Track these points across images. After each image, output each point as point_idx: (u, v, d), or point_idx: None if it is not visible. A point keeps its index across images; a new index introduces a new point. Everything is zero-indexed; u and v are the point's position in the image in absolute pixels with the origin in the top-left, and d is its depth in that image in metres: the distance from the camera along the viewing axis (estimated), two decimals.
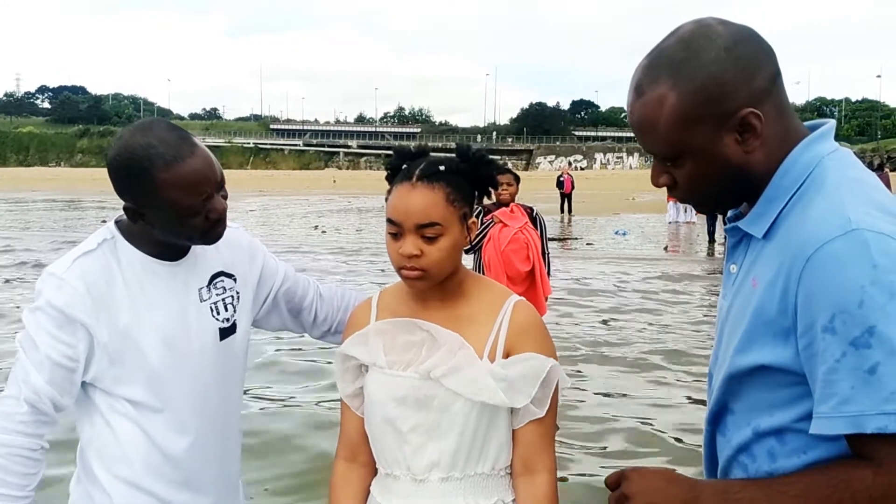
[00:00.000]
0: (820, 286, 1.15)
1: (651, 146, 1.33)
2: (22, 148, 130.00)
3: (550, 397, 1.68)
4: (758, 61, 1.26)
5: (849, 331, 1.12)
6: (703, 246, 18.99)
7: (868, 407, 1.11)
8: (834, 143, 1.31)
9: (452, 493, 1.67)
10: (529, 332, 1.70)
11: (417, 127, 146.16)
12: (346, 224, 26.04)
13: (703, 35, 1.26)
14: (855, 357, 1.11)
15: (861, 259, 1.12)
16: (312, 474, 4.67)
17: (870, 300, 1.10)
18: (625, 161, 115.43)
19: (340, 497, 1.81)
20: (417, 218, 1.62)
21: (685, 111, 1.25)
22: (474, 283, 1.78)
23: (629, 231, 22.59)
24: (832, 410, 1.14)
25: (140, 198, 1.72)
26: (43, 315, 1.73)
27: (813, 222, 1.20)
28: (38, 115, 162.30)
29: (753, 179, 1.30)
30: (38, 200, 41.58)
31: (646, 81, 1.29)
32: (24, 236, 20.13)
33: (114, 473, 1.81)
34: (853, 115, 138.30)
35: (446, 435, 1.66)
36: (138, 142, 1.69)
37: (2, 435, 1.71)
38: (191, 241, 1.81)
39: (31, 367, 1.72)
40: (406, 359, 1.69)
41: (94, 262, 1.77)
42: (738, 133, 1.26)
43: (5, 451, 1.70)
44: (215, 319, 1.89)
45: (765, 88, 1.26)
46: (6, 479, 1.70)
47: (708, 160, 1.29)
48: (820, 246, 1.16)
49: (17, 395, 1.72)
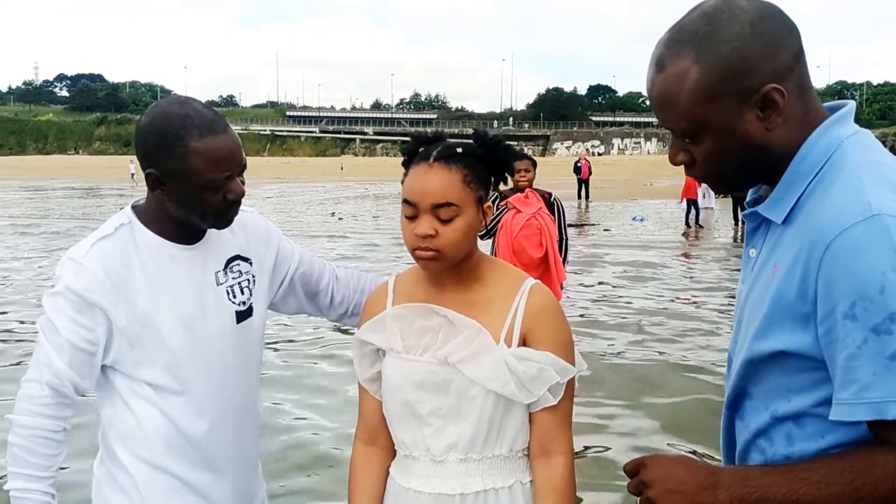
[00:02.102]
0: (840, 272, 1.14)
1: (671, 122, 1.30)
2: (41, 136, 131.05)
3: (564, 386, 1.68)
4: (782, 37, 1.24)
5: (870, 317, 1.11)
6: (722, 231, 18.90)
7: (890, 393, 1.10)
8: (854, 126, 1.29)
9: (471, 473, 1.69)
10: (545, 316, 1.70)
11: (434, 113, 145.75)
12: (363, 211, 26.10)
13: (726, 9, 1.23)
14: (876, 343, 1.11)
15: (882, 245, 1.11)
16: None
17: (891, 286, 1.10)
18: (642, 146, 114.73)
19: (360, 479, 1.82)
20: (433, 198, 1.62)
21: (708, 85, 1.23)
22: (490, 267, 1.78)
23: (647, 217, 22.51)
24: (853, 397, 1.14)
25: (168, 164, 1.74)
26: (62, 299, 1.75)
27: (833, 207, 1.18)
28: (57, 104, 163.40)
29: (773, 158, 1.28)
30: (58, 188, 41.96)
31: (668, 55, 1.26)
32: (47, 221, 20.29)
33: (135, 455, 1.84)
34: (875, 98, 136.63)
35: (465, 418, 1.67)
36: (176, 111, 1.75)
37: (25, 417, 1.74)
38: (203, 221, 1.82)
39: (51, 351, 1.74)
40: (423, 343, 1.70)
41: (112, 246, 1.79)
42: (760, 109, 1.24)
43: (28, 433, 1.74)
44: (232, 303, 1.90)
45: (788, 65, 1.23)
46: (30, 460, 1.73)
47: (728, 136, 1.26)
48: (840, 231, 1.14)
49: (38, 378, 1.75)
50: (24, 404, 1.75)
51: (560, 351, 1.68)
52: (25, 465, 1.73)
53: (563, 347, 1.69)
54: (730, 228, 19.28)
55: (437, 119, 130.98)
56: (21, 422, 1.75)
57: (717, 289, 10.74)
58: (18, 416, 1.75)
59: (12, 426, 1.75)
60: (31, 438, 1.74)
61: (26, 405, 1.75)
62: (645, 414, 5.65)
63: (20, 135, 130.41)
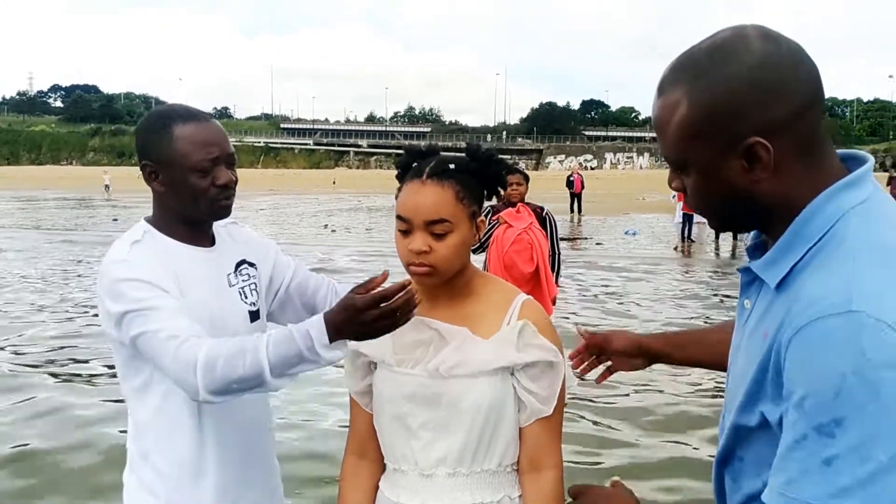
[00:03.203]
0: (801, 360, 1.07)
1: (662, 149, 1.26)
2: (34, 146, 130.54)
3: (557, 395, 1.69)
4: (783, 89, 1.13)
5: (816, 415, 1.04)
6: (713, 245, 18.96)
7: (813, 496, 1.04)
8: (867, 191, 1.17)
9: (459, 488, 1.69)
10: (539, 330, 1.70)
11: (427, 126, 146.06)
12: (356, 223, 26.09)
13: (733, 47, 1.16)
14: (815, 443, 1.04)
15: (850, 345, 1.02)
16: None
17: (847, 391, 1.01)
18: (635, 161, 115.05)
19: (350, 492, 1.83)
20: (426, 214, 1.64)
21: (693, 123, 1.17)
22: (483, 282, 1.79)
23: (639, 231, 22.56)
24: (780, 486, 1.09)
25: (157, 152, 1.86)
26: (132, 287, 1.76)
27: (818, 289, 1.10)
28: (51, 114, 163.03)
29: (763, 208, 1.21)
30: (50, 199, 41.83)
31: (667, 82, 1.22)
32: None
33: (170, 457, 1.87)
34: (865, 115, 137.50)
35: (454, 432, 1.67)
36: (163, 108, 1.96)
37: (201, 349, 1.66)
38: (197, 207, 1.88)
39: (166, 325, 1.71)
40: (414, 357, 1.71)
41: (145, 248, 1.86)
42: (746, 160, 1.16)
43: (217, 347, 1.66)
44: (244, 303, 1.98)
45: (783, 120, 1.14)
46: (241, 358, 1.63)
47: (710, 178, 1.20)
48: (815, 319, 1.06)
49: (177, 344, 1.68)
50: (189, 352, 1.65)
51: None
52: (246, 356, 1.62)
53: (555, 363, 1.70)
54: (727, 241, 19.37)
55: (431, 132, 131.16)
56: (211, 369, 1.63)
57: (709, 303, 10.77)
58: (206, 376, 1.63)
59: (218, 384, 1.64)
60: (218, 348, 1.65)
61: (191, 349, 1.65)
62: (638, 426, 5.66)
63: (13, 145, 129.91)
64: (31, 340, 8.46)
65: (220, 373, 1.63)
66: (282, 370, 1.62)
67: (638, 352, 1.85)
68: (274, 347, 1.62)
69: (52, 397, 6.40)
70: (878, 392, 1.00)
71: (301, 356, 1.60)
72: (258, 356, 1.61)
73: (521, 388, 1.68)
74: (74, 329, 8.97)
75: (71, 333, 8.74)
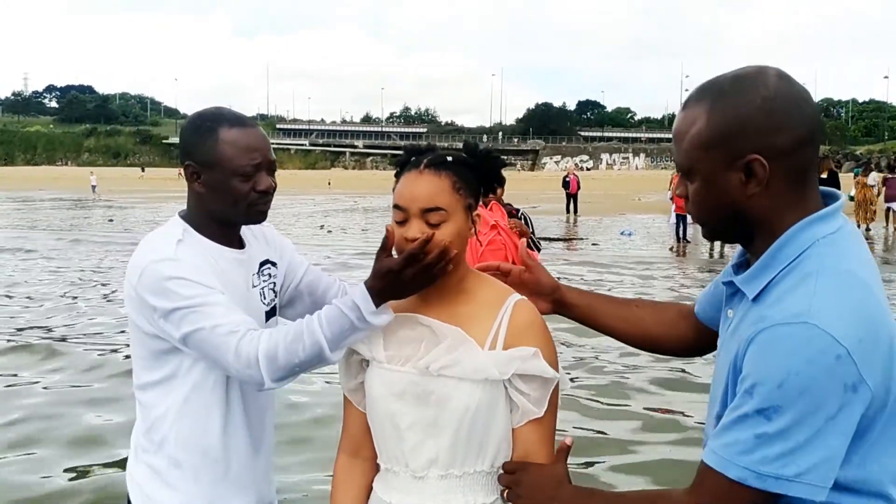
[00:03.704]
0: (757, 355, 1.30)
1: (676, 156, 1.46)
2: (30, 147, 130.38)
3: (549, 397, 1.68)
4: (788, 121, 1.34)
5: (762, 401, 1.27)
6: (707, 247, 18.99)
7: (741, 460, 1.29)
8: (836, 223, 1.38)
9: (452, 490, 1.68)
10: (530, 331, 1.69)
11: (423, 127, 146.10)
12: (352, 224, 26.08)
13: (753, 79, 1.37)
14: (754, 421, 1.28)
15: (799, 349, 1.25)
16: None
17: (790, 385, 1.24)
18: (631, 161, 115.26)
19: (342, 491, 1.83)
20: (423, 202, 1.64)
21: (707, 135, 1.38)
22: (477, 281, 1.78)
23: (635, 231, 22.57)
24: (717, 447, 1.33)
25: (202, 153, 1.92)
26: (182, 285, 1.80)
27: (783, 302, 1.31)
28: (46, 115, 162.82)
29: (749, 221, 1.41)
30: (46, 199, 41.74)
31: (692, 99, 1.43)
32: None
33: (190, 445, 1.94)
34: (860, 115, 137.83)
35: (443, 431, 1.66)
36: (210, 110, 2.00)
37: (260, 342, 1.74)
38: (236, 211, 1.94)
39: (223, 321, 1.77)
40: (405, 354, 1.70)
41: (188, 247, 1.91)
42: (744, 174, 1.36)
43: (274, 337, 1.75)
44: (262, 304, 2.06)
45: (783, 147, 1.34)
46: (299, 342, 1.72)
47: (711, 186, 1.41)
48: (773, 325, 1.28)
49: (237, 340, 1.75)
50: (250, 344, 1.74)
51: (546, 361, 1.67)
52: (303, 338, 1.72)
53: (549, 361, 1.68)
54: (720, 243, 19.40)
55: (428, 133, 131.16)
56: (273, 359, 1.73)
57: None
58: (269, 366, 1.73)
59: (282, 371, 1.74)
60: (285, 351, 1.72)
61: (251, 342, 1.74)
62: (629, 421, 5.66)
63: (8, 146, 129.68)
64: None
65: (283, 361, 1.73)
66: (338, 343, 1.71)
67: (551, 296, 1.89)
68: (328, 325, 1.70)
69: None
70: (810, 390, 1.24)
71: (353, 326, 1.69)
72: (315, 337, 1.70)
73: (514, 389, 1.67)
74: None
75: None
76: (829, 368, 1.23)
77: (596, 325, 1.92)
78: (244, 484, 2.03)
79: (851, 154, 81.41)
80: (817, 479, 1.26)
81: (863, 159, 61.48)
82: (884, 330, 1.29)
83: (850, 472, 1.30)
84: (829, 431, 1.25)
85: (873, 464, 1.32)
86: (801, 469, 1.26)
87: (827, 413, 1.24)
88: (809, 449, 1.25)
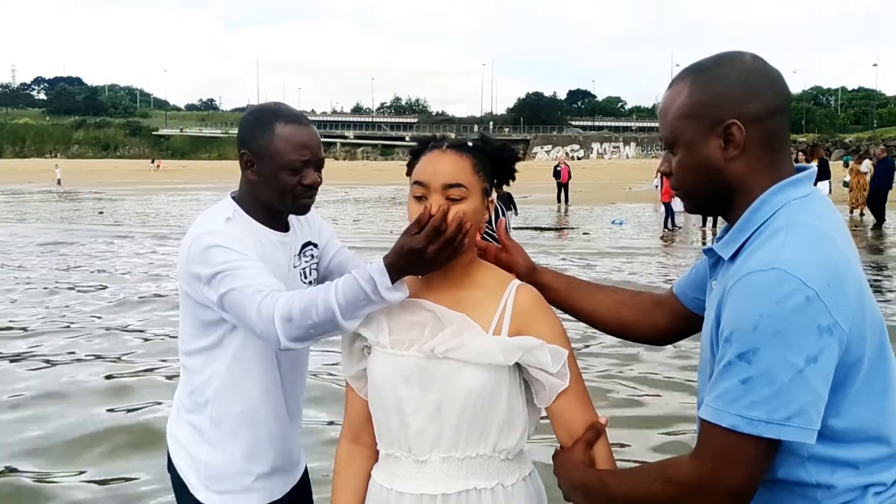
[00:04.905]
0: (732, 306, 1.37)
1: (662, 130, 1.57)
2: (18, 139, 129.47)
3: (567, 367, 1.69)
4: (761, 91, 1.47)
5: (740, 346, 1.34)
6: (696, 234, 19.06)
7: (732, 408, 1.35)
8: (807, 189, 1.49)
9: (454, 473, 1.70)
10: (536, 311, 1.73)
11: (414, 117, 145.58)
12: (343, 215, 26.04)
13: (732, 58, 1.51)
14: (737, 367, 1.35)
15: (769, 292, 1.32)
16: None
17: (762, 328, 1.31)
18: (621, 151, 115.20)
19: (343, 476, 1.86)
20: (445, 178, 1.69)
21: (689, 105, 1.50)
22: (480, 268, 1.81)
23: (626, 220, 22.63)
24: (710, 401, 1.39)
25: (257, 144, 2.04)
26: (223, 252, 1.93)
27: (755, 255, 1.39)
28: (35, 107, 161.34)
29: (726, 186, 1.51)
30: (35, 192, 41.51)
31: (677, 78, 1.56)
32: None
33: (232, 409, 2.08)
34: (850, 103, 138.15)
35: (447, 414, 1.68)
36: (270, 105, 2.12)
37: (278, 302, 1.81)
38: (283, 202, 2.07)
39: (252, 281, 1.87)
40: (409, 338, 1.72)
41: (237, 226, 2.04)
42: (723, 140, 1.48)
43: (292, 298, 1.81)
44: (303, 283, 2.18)
45: (758, 114, 1.46)
46: (313, 306, 1.77)
47: (693, 152, 1.52)
48: (746, 274, 1.36)
49: (260, 299, 1.83)
50: (269, 306, 1.80)
51: (556, 341, 1.70)
52: (318, 308, 1.76)
53: (558, 338, 1.71)
54: (707, 230, 19.48)
55: (418, 123, 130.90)
56: (288, 319, 1.78)
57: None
58: (285, 325, 1.79)
59: (297, 331, 1.79)
60: (300, 313, 1.78)
61: (270, 303, 1.81)
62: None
63: None
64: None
65: (298, 321, 1.79)
66: (351, 313, 1.75)
67: (528, 277, 1.91)
68: (343, 292, 1.75)
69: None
70: (784, 331, 1.30)
71: (368, 298, 1.73)
72: (329, 302, 1.75)
73: (534, 369, 1.69)
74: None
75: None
76: (799, 309, 1.30)
77: (570, 309, 1.96)
78: (279, 446, 2.17)
79: (841, 142, 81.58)
80: (807, 422, 1.31)
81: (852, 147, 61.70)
82: (850, 277, 1.37)
83: (840, 422, 1.36)
84: (812, 374, 1.30)
85: (858, 414, 1.37)
86: (790, 412, 1.30)
87: (806, 354, 1.30)
88: (795, 391, 1.30)
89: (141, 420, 5.66)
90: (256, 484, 2.13)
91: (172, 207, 29.89)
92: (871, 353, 1.38)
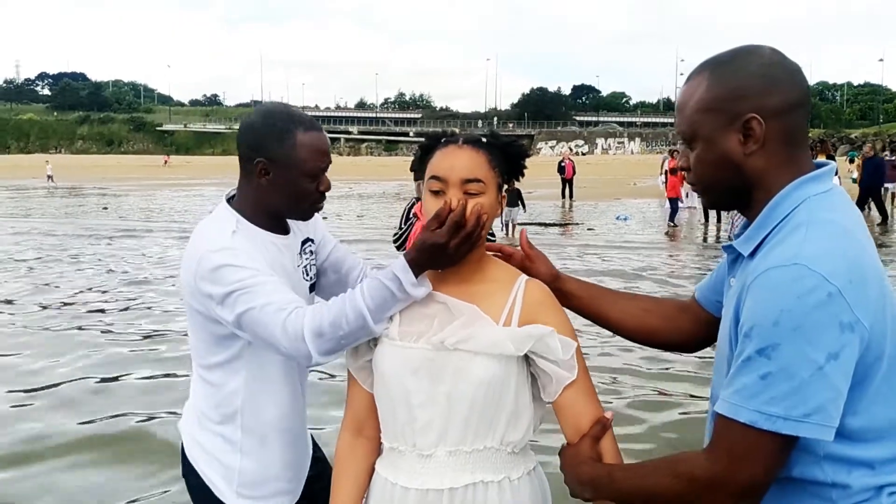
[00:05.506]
0: (752, 302, 1.36)
1: (679, 125, 1.55)
2: (22, 135, 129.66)
3: (575, 359, 1.69)
4: (781, 84, 1.44)
5: (760, 341, 1.32)
6: (702, 230, 19.01)
7: (751, 404, 1.33)
8: (827, 184, 1.46)
9: (460, 467, 1.70)
10: (545, 305, 1.74)
11: (418, 112, 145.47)
12: (347, 210, 26.03)
13: (750, 52, 1.48)
14: (756, 363, 1.33)
15: (789, 288, 1.30)
16: None
17: (783, 323, 1.29)
18: (626, 146, 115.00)
19: (344, 470, 1.85)
20: (463, 172, 1.69)
21: (708, 99, 1.48)
22: (490, 263, 1.83)
23: (630, 216, 22.59)
24: (727, 396, 1.37)
25: (277, 153, 1.99)
26: (235, 271, 1.88)
27: (776, 251, 1.37)
28: (39, 102, 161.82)
29: (746, 181, 1.49)
30: (39, 187, 41.61)
31: (695, 72, 1.53)
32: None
33: (263, 417, 2.10)
34: (855, 99, 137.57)
35: (456, 406, 1.68)
36: (281, 109, 2.06)
37: (305, 318, 1.80)
38: (297, 207, 2.07)
39: (272, 299, 1.85)
40: (418, 330, 1.72)
41: (243, 238, 2.00)
42: (743, 134, 1.45)
43: (319, 312, 1.80)
44: (306, 280, 2.20)
45: (778, 108, 1.44)
46: (343, 316, 1.76)
47: (712, 147, 1.49)
48: (766, 270, 1.35)
49: (284, 317, 1.81)
50: (295, 321, 1.79)
51: (565, 334, 1.70)
52: (347, 315, 1.75)
53: (567, 332, 1.71)
54: (712, 226, 19.45)
55: (422, 118, 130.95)
56: (319, 334, 1.78)
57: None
58: (316, 341, 1.78)
59: (329, 345, 1.78)
60: (330, 325, 1.77)
61: (297, 319, 1.80)
62: None
63: (2, 134, 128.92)
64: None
65: (329, 334, 1.78)
66: (380, 315, 1.75)
67: (551, 285, 1.89)
68: (370, 296, 1.74)
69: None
70: (804, 326, 1.28)
71: (394, 297, 1.73)
72: (359, 309, 1.74)
73: (542, 359, 1.69)
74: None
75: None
76: (821, 305, 1.28)
77: (595, 317, 1.95)
78: (303, 446, 2.23)
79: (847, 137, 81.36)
80: (825, 420, 1.29)
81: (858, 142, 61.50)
82: (872, 274, 1.35)
83: (857, 420, 1.34)
84: (832, 371, 1.28)
85: (877, 412, 1.36)
86: (809, 409, 1.28)
87: (828, 351, 1.28)
88: (815, 387, 1.28)
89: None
90: (286, 486, 2.17)
91: (177, 203, 29.94)
92: (891, 351, 1.36)
